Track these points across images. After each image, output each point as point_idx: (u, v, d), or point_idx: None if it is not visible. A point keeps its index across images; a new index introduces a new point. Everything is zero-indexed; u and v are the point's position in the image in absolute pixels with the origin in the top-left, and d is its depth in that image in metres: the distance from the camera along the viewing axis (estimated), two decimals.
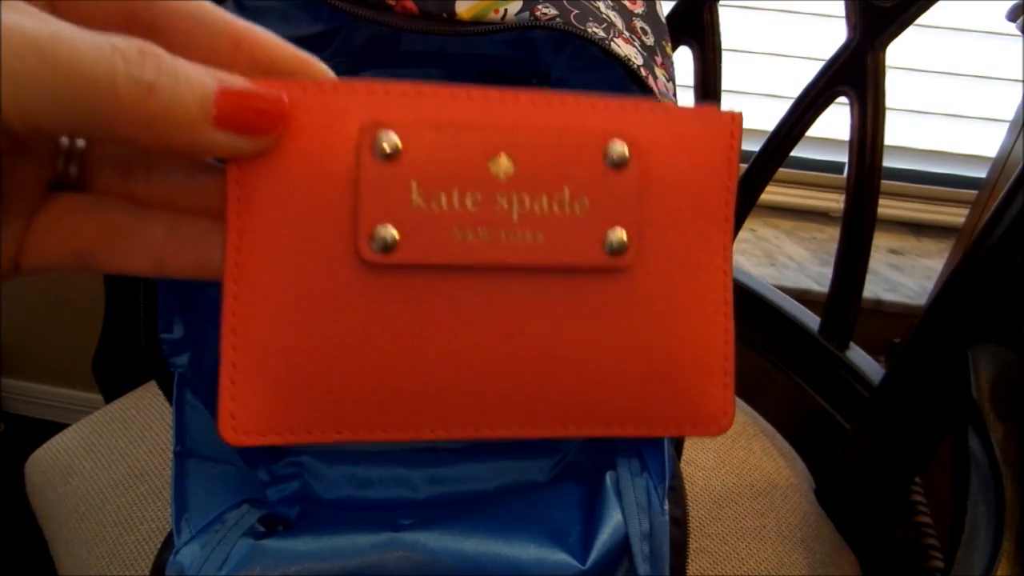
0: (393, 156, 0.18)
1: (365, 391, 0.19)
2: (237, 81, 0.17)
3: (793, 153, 0.57)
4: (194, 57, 0.17)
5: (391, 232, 0.18)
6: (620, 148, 0.19)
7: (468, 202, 0.18)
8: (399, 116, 0.18)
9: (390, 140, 0.18)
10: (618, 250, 0.19)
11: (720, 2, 0.57)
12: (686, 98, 0.56)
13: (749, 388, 0.67)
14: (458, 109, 0.18)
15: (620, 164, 0.19)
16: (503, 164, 0.18)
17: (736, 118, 0.20)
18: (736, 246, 0.63)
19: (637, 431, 0.19)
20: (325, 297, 0.18)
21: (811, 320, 0.59)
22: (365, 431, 0.19)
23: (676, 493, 0.38)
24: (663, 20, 0.43)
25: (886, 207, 0.89)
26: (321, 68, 0.19)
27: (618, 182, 0.19)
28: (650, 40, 0.40)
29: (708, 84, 0.59)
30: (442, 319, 0.19)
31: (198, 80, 0.16)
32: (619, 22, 0.38)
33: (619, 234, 0.19)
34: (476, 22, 0.34)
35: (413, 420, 0.19)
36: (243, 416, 0.18)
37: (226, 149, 0.17)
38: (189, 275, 0.19)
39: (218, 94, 0.16)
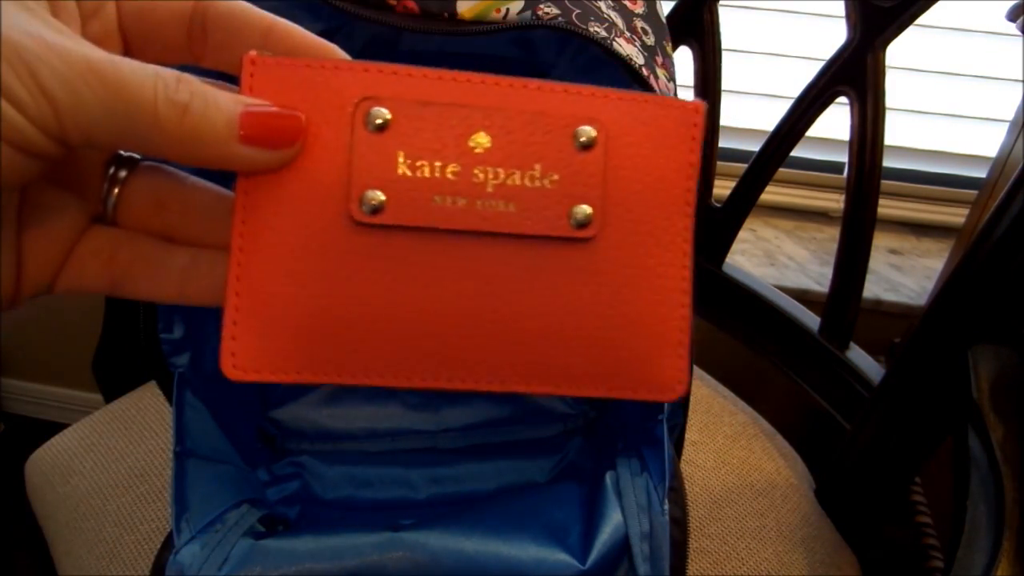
0: (383, 128, 0.20)
1: (351, 338, 0.21)
2: (260, 103, 0.20)
3: (793, 153, 0.57)
4: (235, 44, 0.20)
5: (378, 196, 0.20)
6: (588, 131, 0.21)
7: (448, 172, 0.20)
8: (390, 93, 0.20)
9: (381, 114, 0.20)
10: (583, 223, 0.21)
11: (720, 2, 0.58)
12: (686, 98, 0.56)
13: (749, 388, 0.67)
14: (443, 89, 0.21)
15: (588, 146, 0.21)
16: (481, 140, 0.21)
17: (699, 108, 0.22)
18: (736, 246, 0.63)
19: (596, 391, 0.21)
20: (319, 252, 0.21)
21: (811, 320, 0.59)
22: (350, 375, 0.21)
23: (676, 493, 0.38)
24: (663, 20, 0.43)
25: (886, 207, 0.89)
26: (339, 53, 0.21)
27: (585, 162, 0.21)
28: (651, 40, 0.40)
29: (708, 84, 0.59)
30: (421, 276, 0.21)
31: (225, 103, 0.19)
32: (620, 22, 0.38)
33: (584, 209, 0.21)
34: (477, 22, 0.34)
35: (393, 368, 0.21)
36: (242, 354, 0.20)
37: (252, 162, 0.20)
38: (207, 300, 0.22)
39: (242, 115, 0.19)
